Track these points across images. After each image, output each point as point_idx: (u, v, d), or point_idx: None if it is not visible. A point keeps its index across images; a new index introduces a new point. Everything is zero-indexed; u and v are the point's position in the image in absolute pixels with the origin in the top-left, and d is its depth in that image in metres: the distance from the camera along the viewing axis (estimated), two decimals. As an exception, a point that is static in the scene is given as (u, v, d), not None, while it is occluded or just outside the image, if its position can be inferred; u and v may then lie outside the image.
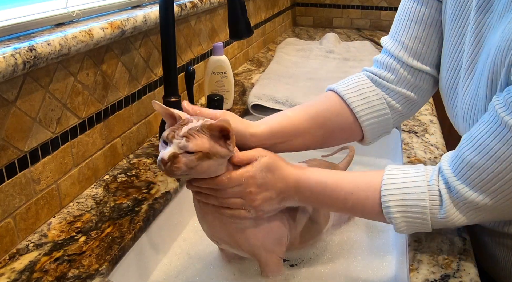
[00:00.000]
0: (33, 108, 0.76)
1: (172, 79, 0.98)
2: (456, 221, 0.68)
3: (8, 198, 0.73)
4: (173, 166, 0.63)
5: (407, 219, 0.69)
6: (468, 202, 0.66)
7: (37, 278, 0.68)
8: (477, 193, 0.65)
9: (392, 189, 0.69)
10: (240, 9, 0.94)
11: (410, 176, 0.70)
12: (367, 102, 0.82)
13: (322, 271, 0.83)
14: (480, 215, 0.67)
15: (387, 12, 2.57)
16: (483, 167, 0.63)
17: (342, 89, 0.82)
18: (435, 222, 0.69)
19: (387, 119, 0.83)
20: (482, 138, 0.64)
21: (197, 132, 0.65)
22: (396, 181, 0.70)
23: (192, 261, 0.87)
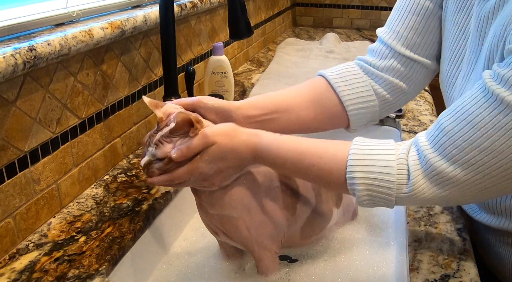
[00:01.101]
0: (33, 108, 0.76)
1: (172, 79, 0.98)
2: (421, 196, 0.64)
3: (8, 198, 0.73)
4: (149, 171, 0.69)
5: (370, 192, 0.66)
6: (437, 173, 0.62)
7: (37, 278, 0.68)
8: (449, 162, 0.61)
9: (359, 159, 0.66)
10: (240, 9, 0.94)
11: (379, 149, 0.67)
12: (353, 88, 0.82)
13: (323, 269, 0.83)
14: (448, 191, 0.63)
15: (387, 12, 2.57)
16: (459, 133, 0.60)
17: (330, 75, 0.83)
18: (399, 199, 0.65)
19: (373, 106, 0.83)
20: (465, 107, 0.61)
21: (165, 139, 0.67)
22: (364, 152, 0.66)
23: (193, 260, 0.87)
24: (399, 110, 1.27)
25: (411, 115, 1.29)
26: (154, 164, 0.68)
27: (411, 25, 0.82)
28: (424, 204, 0.67)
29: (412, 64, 0.83)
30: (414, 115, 1.29)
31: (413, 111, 1.32)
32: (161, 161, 0.68)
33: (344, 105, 0.81)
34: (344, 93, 0.81)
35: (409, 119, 1.26)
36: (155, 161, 0.68)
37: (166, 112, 0.70)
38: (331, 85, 0.82)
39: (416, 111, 1.33)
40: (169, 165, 0.68)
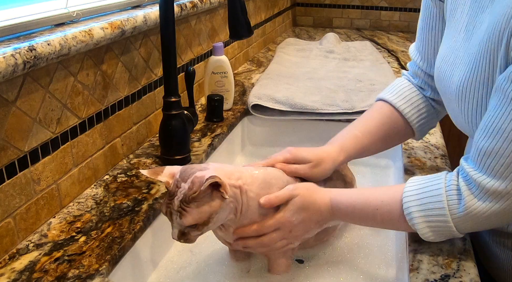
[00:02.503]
0: (33, 108, 0.76)
1: (172, 79, 0.98)
2: (476, 212, 0.67)
3: (8, 198, 0.73)
4: (187, 240, 0.70)
5: (429, 224, 0.70)
6: (488, 189, 0.65)
7: (37, 278, 0.68)
8: (495, 178, 0.64)
9: (412, 196, 0.71)
10: (240, 9, 0.94)
11: (429, 182, 0.72)
12: (416, 107, 0.92)
13: (324, 269, 0.83)
14: (502, 203, 0.65)
15: (387, 12, 2.57)
16: (500, 151, 0.63)
17: (392, 99, 0.93)
18: (458, 221, 0.69)
19: (433, 116, 0.94)
20: (494, 123, 0.64)
21: (187, 205, 0.67)
22: (416, 188, 0.72)
23: (194, 259, 0.87)
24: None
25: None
26: (187, 233, 0.69)
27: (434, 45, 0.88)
28: (485, 224, 0.69)
29: None
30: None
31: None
32: (193, 227, 0.69)
33: (411, 125, 0.92)
34: (410, 114, 0.92)
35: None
36: (186, 230, 0.69)
37: (169, 175, 0.71)
38: (396, 109, 0.92)
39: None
40: (203, 228, 0.69)
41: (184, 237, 0.70)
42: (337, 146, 0.88)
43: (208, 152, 1.10)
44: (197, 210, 0.67)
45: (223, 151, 1.19)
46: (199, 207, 0.67)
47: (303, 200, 0.75)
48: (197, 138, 1.15)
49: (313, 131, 1.32)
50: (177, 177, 0.70)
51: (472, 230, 0.72)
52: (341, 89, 1.43)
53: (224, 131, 1.20)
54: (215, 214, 0.69)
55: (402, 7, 2.54)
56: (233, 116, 1.30)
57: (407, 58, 1.92)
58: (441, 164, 1.03)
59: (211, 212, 0.68)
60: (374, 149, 0.93)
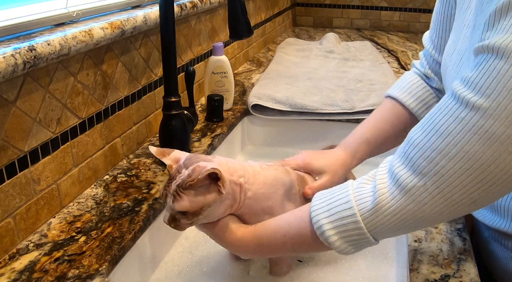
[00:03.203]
0: (33, 108, 0.76)
1: (172, 79, 0.98)
2: (387, 208, 0.60)
3: (8, 198, 0.73)
4: (176, 227, 0.70)
5: (342, 234, 0.63)
6: (405, 185, 0.59)
7: (37, 278, 0.68)
8: (418, 175, 0.58)
9: (320, 208, 0.65)
10: (240, 9, 0.94)
11: (337, 190, 0.66)
12: (425, 103, 0.90)
13: (324, 270, 0.83)
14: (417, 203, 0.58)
15: (387, 12, 2.57)
16: (427, 143, 0.58)
17: (402, 97, 0.91)
18: (368, 221, 0.61)
19: None
20: (432, 117, 0.59)
21: (182, 191, 0.67)
22: (323, 201, 0.66)
23: (195, 259, 0.87)
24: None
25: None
26: (178, 219, 0.69)
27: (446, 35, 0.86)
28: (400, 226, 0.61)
29: None
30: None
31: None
32: (183, 214, 0.68)
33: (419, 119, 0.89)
34: (420, 112, 0.90)
35: (409, 119, 1.26)
36: (178, 216, 0.69)
37: (174, 159, 0.71)
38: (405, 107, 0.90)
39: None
40: (193, 218, 0.69)
41: (174, 222, 0.69)
42: (350, 152, 0.87)
43: (208, 152, 1.10)
44: (191, 198, 0.67)
45: (223, 151, 1.19)
46: (193, 196, 0.67)
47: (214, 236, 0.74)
48: (197, 138, 1.15)
49: (313, 131, 1.32)
50: (181, 162, 0.70)
51: (386, 235, 0.63)
52: (341, 89, 1.43)
53: (224, 131, 1.20)
54: (208, 206, 0.68)
55: (402, 7, 2.54)
56: (233, 116, 1.30)
57: (407, 58, 1.93)
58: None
59: (204, 203, 0.68)
60: (385, 149, 0.92)
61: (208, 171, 0.66)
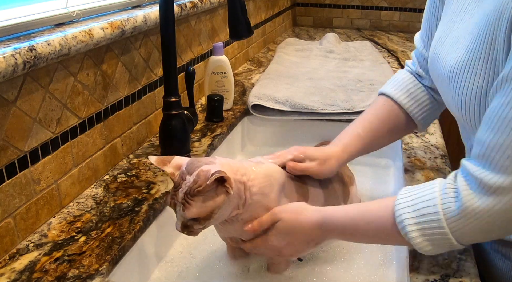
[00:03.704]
0: (33, 108, 0.76)
1: (172, 79, 0.98)
2: (476, 214, 0.60)
3: (8, 198, 0.73)
4: (190, 233, 0.71)
5: (424, 231, 0.65)
6: (489, 187, 0.59)
7: (37, 278, 0.68)
8: (500, 173, 0.58)
9: (404, 203, 0.67)
10: (240, 9, 0.94)
11: (422, 188, 0.67)
12: (417, 100, 0.91)
13: (324, 269, 0.83)
14: (504, 201, 0.59)
15: (387, 12, 2.57)
16: (505, 142, 0.58)
17: (394, 93, 0.92)
18: (453, 224, 0.62)
19: (434, 108, 0.93)
20: (499, 114, 0.59)
21: (191, 198, 0.67)
22: (409, 195, 0.68)
23: (194, 259, 0.87)
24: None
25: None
26: (190, 225, 0.69)
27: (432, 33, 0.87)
28: (486, 229, 0.62)
29: None
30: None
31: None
32: (195, 220, 0.69)
33: (413, 118, 0.91)
34: (412, 109, 0.91)
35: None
36: (189, 222, 0.69)
37: (175, 166, 0.71)
38: (398, 104, 0.91)
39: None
40: (205, 223, 0.69)
41: (187, 229, 0.70)
42: (341, 146, 0.88)
43: (208, 152, 1.10)
44: (201, 203, 0.67)
45: (223, 151, 1.19)
46: (202, 201, 0.67)
47: (286, 225, 0.73)
48: (197, 138, 1.15)
49: (313, 131, 1.32)
50: (183, 168, 0.70)
51: (472, 238, 0.64)
52: (341, 89, 1.43)
53: (224, 131, 1.20)
54: (218, 209, 0.68)
55: (402, 7, 2.54)
56: (233, 116, 1.30)
57: (407, 58, 1.92)
58: (441, 164, 1.03)
59: (214, 207, 0.68)
60: (377, 145, 0.93)
61: (215, 175, 0.66)
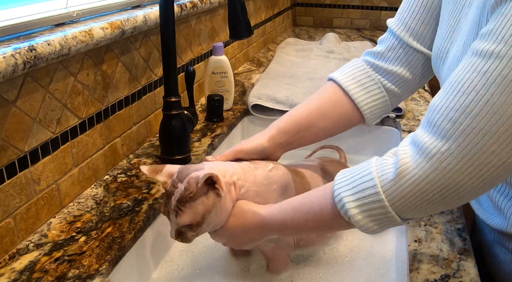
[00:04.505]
0: (33, 108, 0.76)
1: (172, 79, 0.98)
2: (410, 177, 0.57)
3: (8, 198, 0.73)
4: (184, 240, 0.71)
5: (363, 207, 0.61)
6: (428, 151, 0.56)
7: (37, 278, 0.68)
8: (440, 137, 0.55)
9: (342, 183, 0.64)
10: (240, 9, 0.94)
11: (360, 166, 0.64)
12: (365, 88, 0.86)
13: (324, 270, 0.83)
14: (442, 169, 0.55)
15: (387, 12, 2.57)
16: (451, 104, 0.55)
17: (341, 79, 0.87)
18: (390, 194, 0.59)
19: (385, 101, 0.87)
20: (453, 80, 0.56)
21: (183, 205, 0.68)
22: (346, 175, 0.65)
23: (195, 259, 0.87)
24: (399, 110, 1.27)
25: (411, 115, 1.29)
26: (184, 232, 0.70)
27: (419, 17, 0.84)
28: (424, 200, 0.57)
29: (418, 55, 0.85)
30: (414, 115, 1.29)
31: (413, 111, 1.32)
32: (188, 227, 0.70)
33: (358, 106, 0.85)
34: (357, 96, 0.85)
35: (409, 119, 1.26)
36: (183, 229, 0.70)
37: (168, 174, 0.72)
38: (343, 89, 0.86)
39: (416, 111, 1.33)
40: (198, 229, 0.70)
41: (181, 236, 0.71)
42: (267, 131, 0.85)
43: (208, 152, 1.10)
44: (192, 209, 0.68)
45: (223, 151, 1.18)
46: (194, 207, 0.68)
47: (228, 229, 0.74)
48: (197, 138, 1.15)
49: (313, 131, 1.32)
50: (174, 177, 0.71)
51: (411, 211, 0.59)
52: (341, 89, 1.43)
53: (224, 131, 1.20)
54: (208, 213, 0.69)
55: (402, 7, 2.54)
56: (233, 116, 1.30)
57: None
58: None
59: (204, 212, 0.68)
60: (317, 126, 0.86)
61: (204, 176, 0.66)
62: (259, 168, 0.78)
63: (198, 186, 0.67)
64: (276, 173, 0.79)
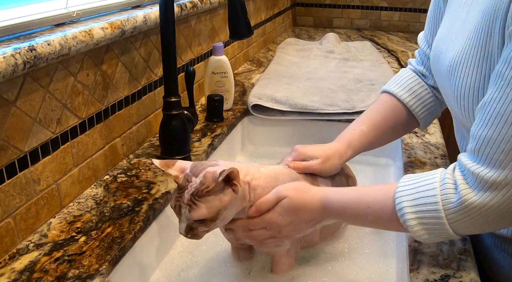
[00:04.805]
0: (33, 108, 0.76)
1: (172, 79, 0.98)
2: (473, 207, 0.61)
3: (8, 198, 0.73)
4: (194, 236, 0.70)
5: (422, 220, 0.65)
6: (485, 181, 0.60)
7: (37, 278, 0.68)
8: (495, 168, 0.59)
9: (405, 191, 0.67)
10: (240, 9, 0.94)
11: (423, 177, 0.68)
12: (419, 99, 0.92)
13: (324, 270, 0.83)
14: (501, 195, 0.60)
15: (387, 12, 2.57)
16: (499, 136, 0.59)
17: (397, 91, 0.93)
18: (452, 217, 0.63)
19: (436, 107, 0.94)
20: (492, 109, 0.60)
21: (198, 199, 0.67)
22: (410, 183, 0.68)
23: (195, 259, 0.87)
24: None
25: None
26: (195, 228, 0.69)
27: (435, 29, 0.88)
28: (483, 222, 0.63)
29: None
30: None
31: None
32: (201, 222, 0.68)
33: (415, 115, 0.92)
34: (414, 106, 0.92)
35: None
36: (194, 225, 0.68)
37: (179, 169, 0.71)
38: (400, 101, 0.93)
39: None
40: (211, 224, 0.68)
41: (191, 232, 0.69)
42: (344, 142, 0.89)
43: (208, 152, 1.10)
44: (208, 204, 0.67)
45: (223, 151, 1.19)
46: (210, 202, 0.67)
47: (291, 202, 0.73)
48: (197, 138, 1.15)
49: (313, 131, 1.32)
50: (187, 171, 0.70)
51: (468, 230, 0.66)
52: (341, 89, 1.43)
53: (224, 131, 1.20)
54: (224, 209, 0.68)
55: (402, 7, 2.54)
56: (233, 116, 1.30)
57: (407, 58, 1.92)
58: (441, 163, 1.03)
59: (220, 207, 0.68)
60: (381, 141, 0.94)
61: (226, 171, 0.66)
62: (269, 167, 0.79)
63: (218, 179, 0.66)
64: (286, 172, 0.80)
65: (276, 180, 0.77)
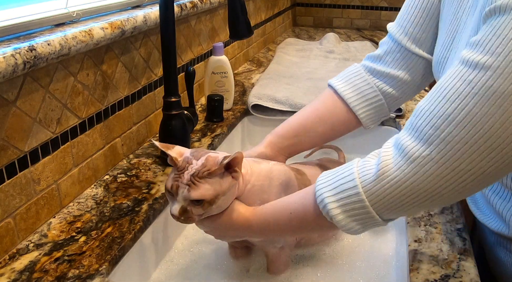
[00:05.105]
0: (33, 108, 0.76)
1: (172, 79, 0.98)
2: (390, 178, 0.57)
3: (8, 198, 0.73)
4: (187, 219, 0.68)
5: (345, 207, 0.61)
6: (410, 155, 0.56)
7: (37, 278, 0.68)
8: (422, 142, 0.56)
9: (324, 183, 0.64)
10: (240, 9, 0.94)
11: (342, 168, 0.65)
12: (360, 93, 0.87)
13: (324, 271, 0.83)
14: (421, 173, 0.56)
15: (387, 12, 2.57)
16: (434, 111, 0.56)
17: (337, 84, 0.89)
18: (370, 194, 0.59)
19: (381, 105, 0.88)
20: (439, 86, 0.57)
21: (198, 180, 0.67)
22: (328, 177, 0.65)
23: (195, 259, 0.87)
24: (399, 110, 1.27)
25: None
26: (190, 210, 0.68)
27: (417, 21, 0.84)
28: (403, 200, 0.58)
29: (417, 58, 0.85)
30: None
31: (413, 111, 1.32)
32: (197, 204, 0.67)
33: (353, 110, 0.87)
34: (352, 100, 0.87)
35: (409, 119, 1.26)
36: (190, 206, 0.68)
37: (178, 152, 0.72)
38: (338, 94, 0.88)
39: (416, 111, 1.32)
40: (208, 207, 0.68)
41: (185, 214, 0.68)
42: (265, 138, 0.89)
43: (208, 152, 1.10)
44: (208, 185, 0.67)
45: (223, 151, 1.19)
46: (210, 184, 0.67)
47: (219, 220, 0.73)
48: (197, 138, 1.15)
49: (313, 131, 1.32)
50: (187, 154, 0.70)
51: (391, 211, 0.60)
52: (341, 89, 1.43)
53: (224, 131, 1.20)
54: (222, 195, 0.69)
55: (402, 7, 2.54)
56: (233, 116, 1.30)
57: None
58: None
59: (220, 191, 0.68)
60: (315, 131, 0.88)
61: (233, 154, 0.67)
62: (263, 162, 0.79)
63: (223, 162, 0.67)
64: (278, 168, 0.80)
65: (269, 175, 0.77)
